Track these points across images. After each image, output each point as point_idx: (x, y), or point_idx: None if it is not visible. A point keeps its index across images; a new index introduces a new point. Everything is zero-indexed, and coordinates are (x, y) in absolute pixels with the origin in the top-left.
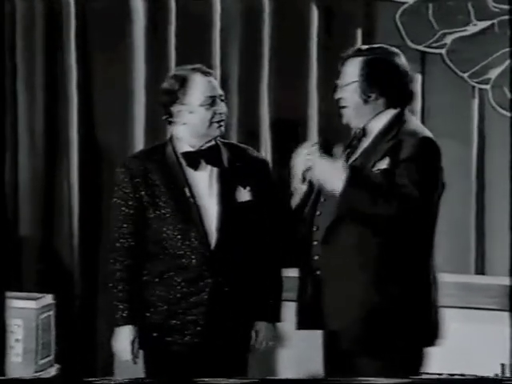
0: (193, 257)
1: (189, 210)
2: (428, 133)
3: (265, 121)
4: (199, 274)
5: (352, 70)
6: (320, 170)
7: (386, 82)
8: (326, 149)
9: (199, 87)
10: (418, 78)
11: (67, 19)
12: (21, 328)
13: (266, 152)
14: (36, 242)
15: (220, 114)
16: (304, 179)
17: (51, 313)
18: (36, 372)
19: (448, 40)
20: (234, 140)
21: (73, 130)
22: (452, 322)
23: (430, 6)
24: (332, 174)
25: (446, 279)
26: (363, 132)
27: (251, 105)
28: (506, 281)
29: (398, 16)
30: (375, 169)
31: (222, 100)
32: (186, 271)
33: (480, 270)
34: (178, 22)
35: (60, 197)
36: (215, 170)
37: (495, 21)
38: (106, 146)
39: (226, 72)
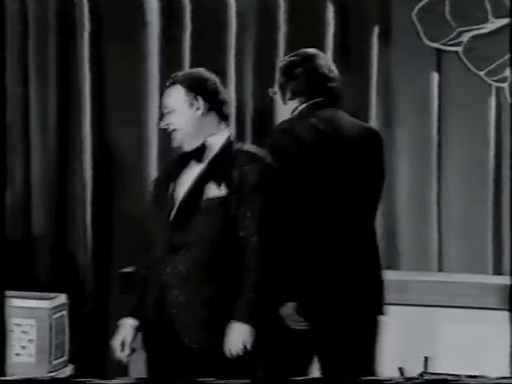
0: (158, 251)
1: (165, 206)
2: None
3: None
4: (161, 272)
5: None
6: None
7: None
8: None
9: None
10: (435, 76)
11: (80, 19)
12: (34, 328)
13: None
14: (49, 241)
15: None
16: None
17: (65, 312)
18: (50, 372)
19: (465, 38)
20: (246, 144)
21: (86, 130)
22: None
23: (447, 3)
24: None
25: (462, 279)
26: None
27: (265, 108)
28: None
29: (414, 13)
30: None
31: (169, 112)
32: (157, 267)
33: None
34: (193, 23)
35: (73, 196)
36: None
37: None
38: (118, 146)
39: (241, 74)
